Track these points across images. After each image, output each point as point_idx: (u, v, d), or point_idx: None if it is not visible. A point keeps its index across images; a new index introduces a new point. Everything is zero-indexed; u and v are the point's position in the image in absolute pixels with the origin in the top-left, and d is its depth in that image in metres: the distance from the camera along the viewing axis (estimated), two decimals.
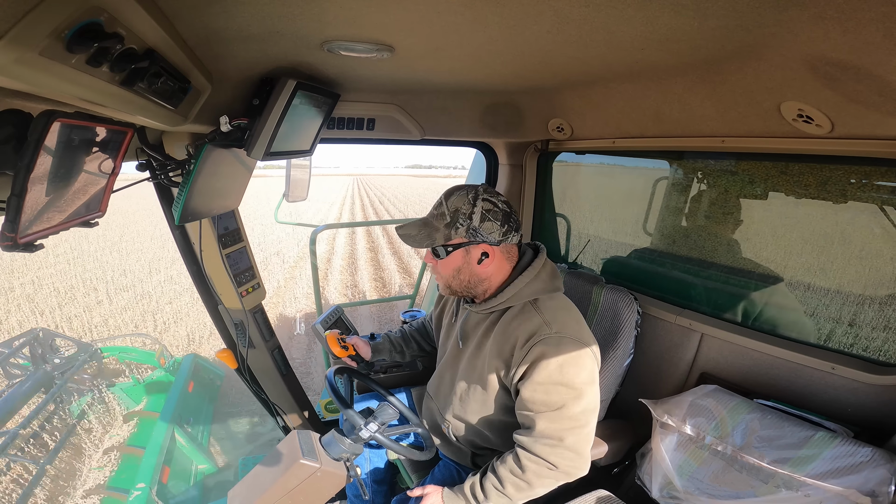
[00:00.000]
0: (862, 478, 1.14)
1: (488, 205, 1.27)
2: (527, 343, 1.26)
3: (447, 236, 1.29)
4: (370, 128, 1.94)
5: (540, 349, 1.24)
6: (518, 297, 1.33)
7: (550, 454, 1.24)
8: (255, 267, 2.00)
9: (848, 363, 1.37)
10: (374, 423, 1.30)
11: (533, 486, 1.28)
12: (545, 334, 1.25)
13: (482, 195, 1.28)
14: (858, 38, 0.78)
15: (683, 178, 1.94)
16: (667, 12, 0.80)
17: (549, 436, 1.23)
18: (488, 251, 1.29)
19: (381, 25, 0.94)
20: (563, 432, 1.23)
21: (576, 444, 1.24)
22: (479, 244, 1.28)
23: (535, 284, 1.33)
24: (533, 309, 1.32)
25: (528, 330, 1.27)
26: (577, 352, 1.24)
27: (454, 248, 1.30)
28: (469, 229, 1.27)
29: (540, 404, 1.24)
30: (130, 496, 2.82)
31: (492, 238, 1.28)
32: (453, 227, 1.28)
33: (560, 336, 1.25)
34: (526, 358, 1.26)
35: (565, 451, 1.24)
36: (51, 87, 0.67)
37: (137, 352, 4.98)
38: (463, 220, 1.27)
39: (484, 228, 1.27)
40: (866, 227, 1.42)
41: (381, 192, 42.98)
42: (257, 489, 1.26)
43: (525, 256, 1.39)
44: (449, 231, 1.29)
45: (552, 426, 1.23)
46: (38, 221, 0.82)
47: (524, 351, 1.26)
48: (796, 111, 1.14)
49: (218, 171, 1.50)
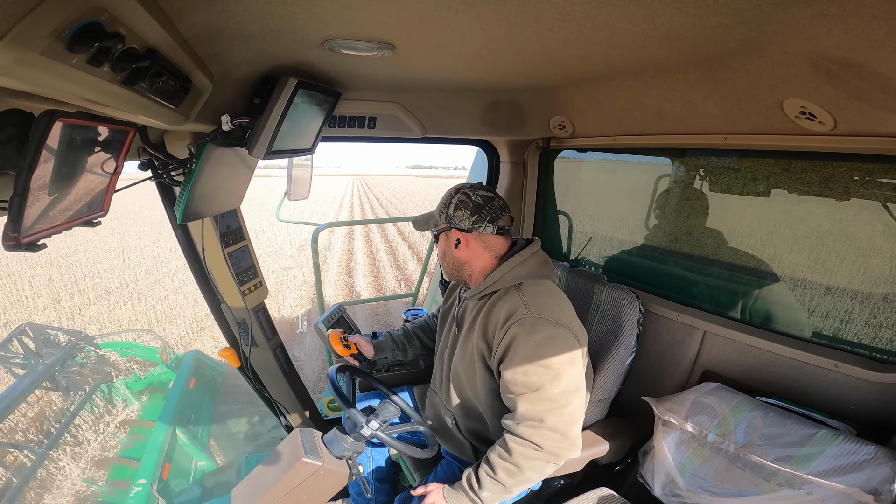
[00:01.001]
0: (865, 476, 1.14)
1: (463, 196, 1.44)
2: (505, 324, 1.32)
3: (435, 223, 1.51)
4: (371, 126, 1.93)
5: (516, 329, 1.29)
6: (503, 282, 1.41)
7: (534, 435, 1.26)
8: (257, 265, 2.01)
9: (851, 361, 1.37)
10: (375, 421, 1.31)
11: (523, 470, 1.29)
12: (522, 314, 1.30)
13: (463, 190, 1.45)
14: (861, 36, 0.78)
15: (685, 176, 1.93)
16: (668, 9, 0.80)
17: (531, 417, 1.27)
18: (460, 237, 1.45)
19: (382, 24, 0.94)
20: (544, 413, 1.26)
21: (557, 425, 1.26)
22: (452, 230, 1.46)
23: (520, 269, 1.42)
24: (516, 292, 1.37)
25: (508, 311, 1.33)
26: (553, 332, 1.29)
27: (438, 231, 1.51)
28: (446, 216, 1.46)
29: (520, 385, 1.28)
30: (131, 492, 2.83)
31: (461, 225, 1.43)
32: (439, 216, 1.50)
33: (537, 317, 1.29)
34: (504, 339, 1.31)
35: (548, 431, 1.26)
36: (52, 87, 0.67)
37: (140, 348, 4.99)
38: (443, 209, 1.47)
39: (456, 217, 1.44)
40: (869, 224, 1.41)
41: (381, 192, 42.82)
42: (260, 487, 1.27)
43: (516, 247, 1.49)
44: (437, 218, 1.50)
45: (532, 407, 1.27)
46: (41, 221, 0.83)
47: (503, 332, 1.32)
48: (799, 108, 1.13)
49: (219, 170, 1.50)
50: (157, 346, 4.71)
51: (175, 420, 3.48)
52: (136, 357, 4.89)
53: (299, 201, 2.45)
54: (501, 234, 1.45)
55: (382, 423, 1.32)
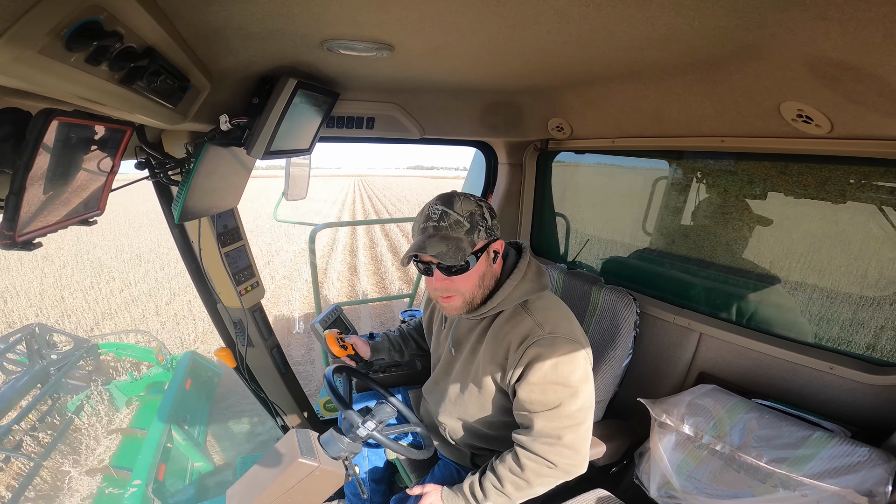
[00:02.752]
0: (859, 477, 1.14)
1: (480, 201, 1.28)
2: (521, 346, 1.27)
3: (472, 242, 1.23)
4: (370, 127, 1.93)
5: (535, 351, 1.24)
6: (508, 301, 1.33)
7: (549, 453, 1.25)
8: (254, 266, 2.00)
9: (846, 363, 1.37)
10: (371, 422, 1.30)
11: (532, 485, 1.28)
12: (538, 336, 1.26)
13: (466, 195, 1.28)
14: (859, 39, 0.78)
15: (683, 178, 1.94)
16: (667, 12, 0.80)
17: (548, 434, 1.24)
18: (497, 248, 1.30)
19: (381, 24, 0.94)
20: (561, 430, 1.24)
21: (574, 442, 1.25)
22: (496, 241, 1.29)
23: (523, 286, 1.33)
24: (524, 311, 1.32)
25: (522, 333, 1.28)
26: (570, 351, 1.25)
27: (480, 252, 1.26)
28: (486, 229, 1.25)
29: (537, 404, 1.25)
30: (126, 493, 2.81)
31: (498, 233, 1.30)
32: (475, 232, 1.23)
33: (553, 336, 1.26)
34: (521, 360, 1.26)
35: (564, 448, 1.25)
36: (50, 85, 0.66)
37: (135, 348, 4.97)
38: (480, 221, 1.24)
39: (494, 225, 1.28)
40: (865, 227, 1.42)
41: (382, 193, 42.55)
42: (256, 488, 1.27)
43: (509, 258, 1.40)
44: (472, 237, 1.23)
45: (550, 425, 1.24)
46: (37, 220, 0.82)
47: (519, 353, 1.27)
48: (796, 111, 1.14)
49: (217, 170, 1.50)
50: (153, 347, 4.69)
51: (171, 421, 3.46)
52: (132, 358, 4.88)
53: (297, 201, 2.45)
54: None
55: (379, 424, 1.32)
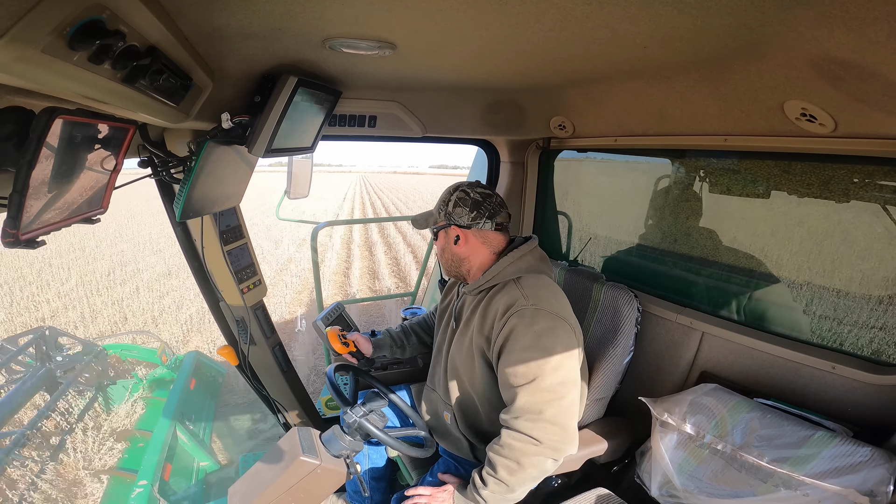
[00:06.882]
0: (861, 477, 1.14)
1: (461, 194, 1.48)
2: (504, 314, 1.34)
3: (435, 220, 1.54)
4: (372, 125, 1.93)
5: (515, 320, 1.31)
6: (502, 276, 1.44)
7: (532, 429, 1.26)
8: (256, 264, 2.01)
9: (848, 363, 1.37)
10: (359, 409, 1.32)
11: (523, 466, 1.29)
12: (521, 306, 1.32)
13: (462, 187, 1.50)
14: (863, 37, 0.78)
15: (685, 177, 1.93)
16: (670, 10, 0.80)
17: (529, 409, 1.27)
18: (459, 234, 1.48)
19: (383, 23, 0.94)
20: (542, 405, 1.26)
21: (556, 417, 1.27)
22: (451, 226, 1.50)
23: (518, 264, 1.45)
24: (515, 285, 1.40)
25: (507, 302, 1.35)
26: (551, 323, 1.30)
27: (438, 229, 1.54)
28: (445, 214, 1.50)
29: (519, 376, 1.28)
30: (132, 493, 2.83)
31: (461, 221, 1.47)
32: (438, 213, 1.53)
33: (536, 308, 1.31)
34: (504, 329, 1.33)
35: (546, 424, 1.26)
36: (53, 84, 0.66)
37: (139, 349, 4.97)
38: (442, 206, 1.51)
39: (455, 213, 1.48)
40: (868, 226, 1.42)
41: (388, 192, 42.04)
42: (258, 486, 1.27)
43: (514, 243, 1.52)
44: (436, 216, 1.54)
45: (531, 399, 1.27)
46: (40, 218, 0.83)
47: (502, 322, 1.34)
48: (799, 110, 1.13)
49: (219, 168, 1.50)
50: (157, 347, 4.70)
51: (176, 420, 3.48)
52: (136, 359, 4.88)
53: (299, 199, 2.46)
54: (500, 231, 1.49)
55: (368, 412, 1.33)
